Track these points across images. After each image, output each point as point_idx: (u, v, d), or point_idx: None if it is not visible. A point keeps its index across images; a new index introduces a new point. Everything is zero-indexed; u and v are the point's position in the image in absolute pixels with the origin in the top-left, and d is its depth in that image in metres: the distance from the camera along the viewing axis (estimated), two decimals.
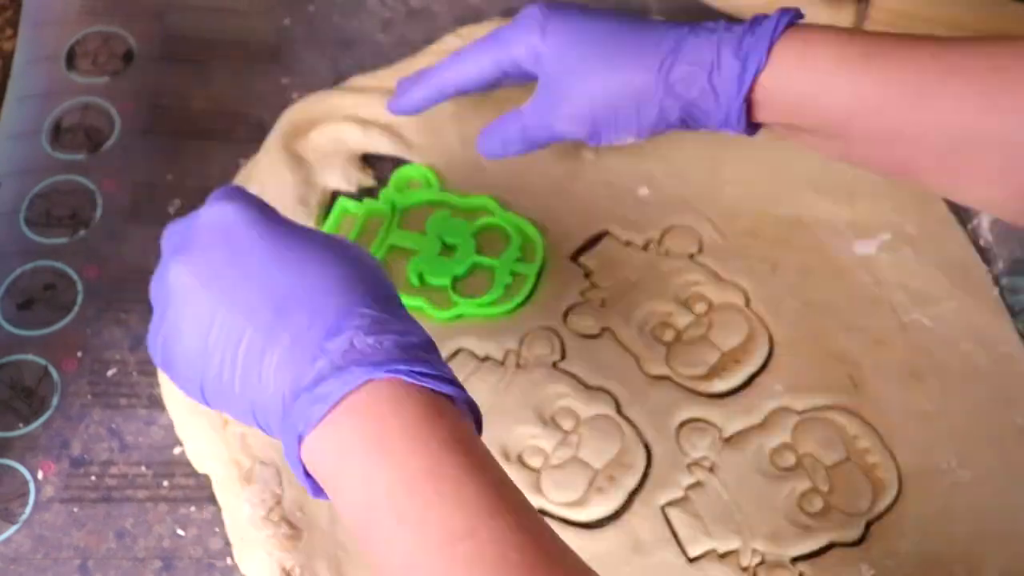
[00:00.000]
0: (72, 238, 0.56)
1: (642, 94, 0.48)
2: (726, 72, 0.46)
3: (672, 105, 0.47)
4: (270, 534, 0.47)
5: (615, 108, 0.48)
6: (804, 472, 0.49)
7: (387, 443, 0.36)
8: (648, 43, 0.48)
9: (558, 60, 0.49)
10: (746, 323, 0.53)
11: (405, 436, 0.36)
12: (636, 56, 0.48)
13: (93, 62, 0.61)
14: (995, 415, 0.51)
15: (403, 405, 0.36)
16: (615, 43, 0.48)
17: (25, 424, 0.51)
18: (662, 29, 0.48)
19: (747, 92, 0.46)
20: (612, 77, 0.48)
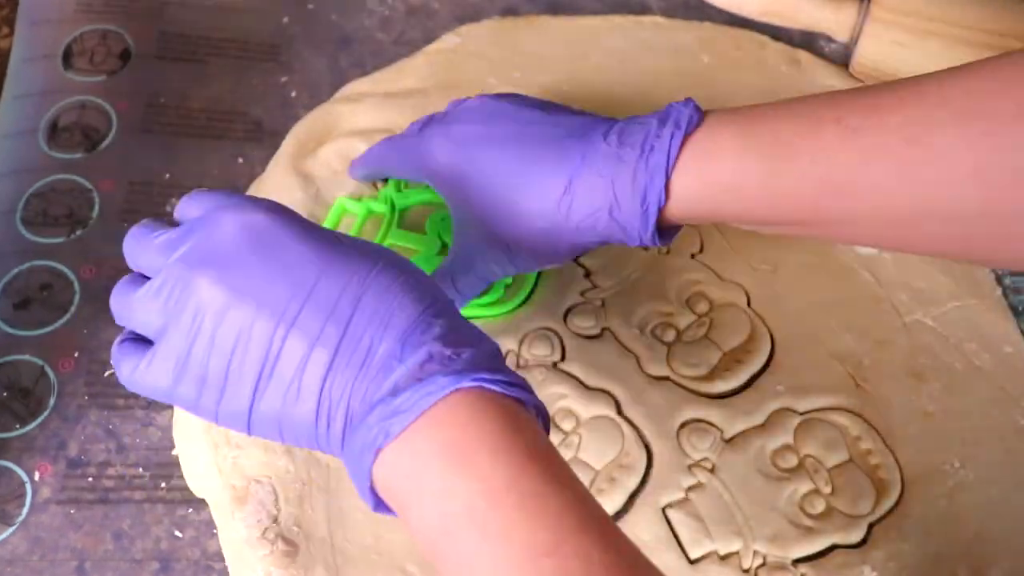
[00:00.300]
0: (69, 238, 0.55)
1: (551, 236, 0.46)
2: (626, 209, 0.44)
3: (583, 244, 0.46)
4: (267, 553, 0.46)
5: (527, 246, 0.47)
6: (806, 473, 0.49)
7: (468, 455, 0.34)
8: (546, 184, 0.45)
9: (460, 191, 0.47)
10: (747, 323, 0.53)
11: (486, 448, 0.34)
12: (536, 203, 0.45)
13: (90, 61, 0.61)
14: (998, 415, 0.51)
15: (484, 416, 0.35)
16: (513, 188, 0.46)
17: (22, 425, 0.51)
18: (557, 164, 0.45)
19: (654, 226, 0.44)
20: (518, 223, 0.46)
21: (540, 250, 0.47)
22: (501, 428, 0.35)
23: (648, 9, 0.65)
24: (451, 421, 0.35)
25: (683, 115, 0.44)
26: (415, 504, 0.35)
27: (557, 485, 0.34)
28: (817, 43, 0.63)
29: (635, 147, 0.44)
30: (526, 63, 0.61)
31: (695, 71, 0.61)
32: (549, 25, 0.63)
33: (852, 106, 0.41)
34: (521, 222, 0.46)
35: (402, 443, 0.35)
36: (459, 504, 0.34)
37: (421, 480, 0.35)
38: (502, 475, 0.34)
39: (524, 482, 0.34)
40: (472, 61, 0.61)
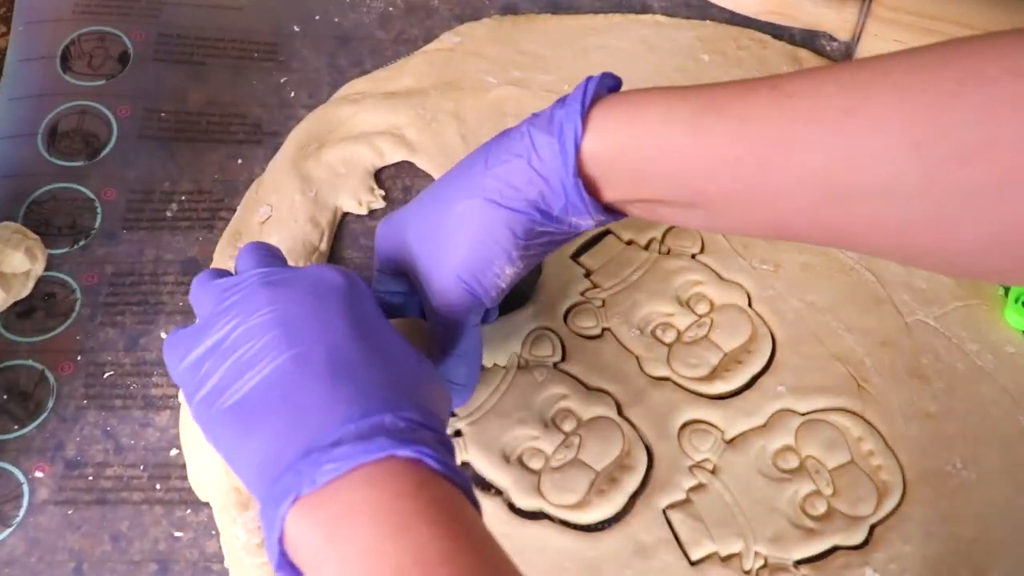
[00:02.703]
0: (72, 248, 0.55)
1: (484, 222, 0.43)
2: (545, 153, 0.42)
3: (516, 215, 0.43)
4: (265, 560, 0.46)
5: (470, 254, 0.44)
6: (807, 474, 0.49)
7: (405, 521, 0.33)
8: (466, 172, 0.44)
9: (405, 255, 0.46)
10: (748, 323, 0.53)
11: (425, 517, 0.33)
12: (459, 192, 0.44)
13: (89, 64, 0.61)
14: (1001, 416, 0.51)
15: (424, 486, 0.34)
16: (439, 199, 0.45)
17: (20, 427, 0.51)
18: (477, 150, 0.45)
19: (575, 166, 0.41)
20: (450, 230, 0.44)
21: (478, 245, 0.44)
22: (440, 503, 0.34)
23: (649, 7, 0.64)
24: (389, 484, 0.34)
25: (594, 78, 0.42)
26: (335, 563, 0.34)
27: (494, 567, 0.33)
28: (818, 42, 0.63)
29: (550, 106, 0.43)
30: (526, 62, 0.61)
31: (696, 70, 0.61)
32: (549, 24, 0.63)
33: (790, 77, 0.39)
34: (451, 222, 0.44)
35: (330, 495, 0.34)
36: (388, 569, 0.32)
37: (348, 538, 0.33)
38: (439, 548, 0.33)
39: (461, 559, 0.33)
40: (472, 60, 0.61)
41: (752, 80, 0.40)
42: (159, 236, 0.56)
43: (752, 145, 0.38)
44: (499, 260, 0.44)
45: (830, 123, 0.37)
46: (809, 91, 0.37)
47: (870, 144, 0.36)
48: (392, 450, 0.35)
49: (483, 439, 0.50)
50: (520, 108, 0.59)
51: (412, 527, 0.33)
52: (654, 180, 0.41)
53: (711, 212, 0.42)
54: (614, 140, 0.41)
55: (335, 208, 0.57)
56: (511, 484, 0.49)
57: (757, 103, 0.38)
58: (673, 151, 0.40)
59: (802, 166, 0.37)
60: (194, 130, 0.59)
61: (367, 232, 0.57)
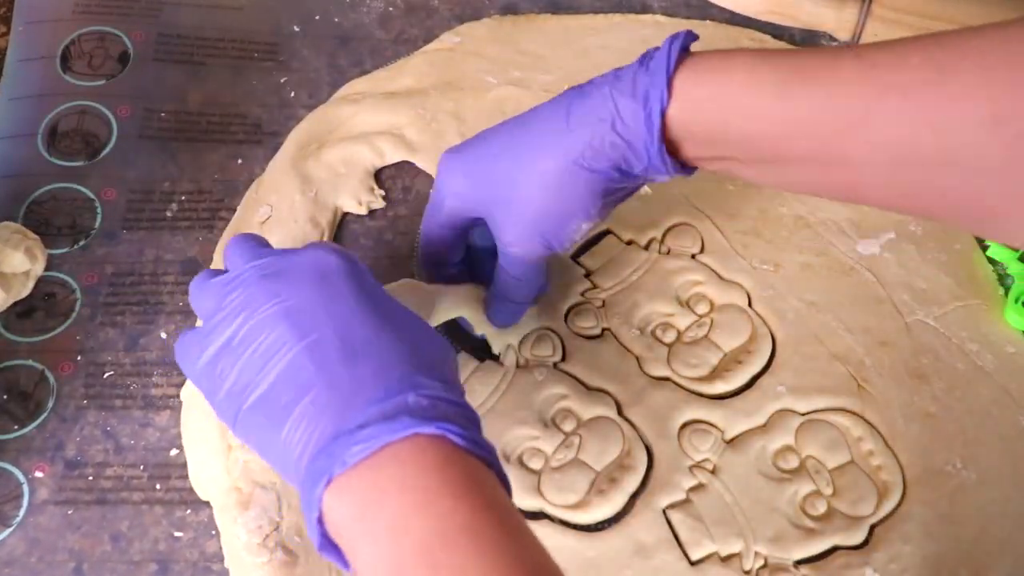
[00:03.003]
0: (72, 248, 0.55)
1: (564, 180, 0.44)
2: (630, 120, 0.43)
3: (596, 175, 0.44)
4: (266, 560, 0.46)
5: (550, 209, 0.45)
6: (807, 474, 0.49)
7: (429, 495, 0.34)
8: (545, 128, 0.45)
9: (481, 196, 0.47)
10: (748, 323, 0.53)
11: (448, 492, 0.34)
12: (539, 148, 0.44)
13: (88, 64, 0.61)
14: (1001, 416, 0.51)
15: (449, 461, 0.35)
16: (516, 147, 0.45)
17: (20, 427, 0.51)
18: (553, 105, 0.45)
19: (660, 131, 0.42)
20: (530, 183, 0.45)
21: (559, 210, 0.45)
22: (464, 477, 0.35)
23: (649, 8, 0.64)
24: (415, 461, 0.35)
25: (677, 38, 0.42)
26: (367, 539, 0.35)
27: (515, 538, 0.34)
28: (818, 42, 0.63)
29: (630, 66, 0.43)
30: (526, 62, 0.61)
31: None
32: (549, 24, 0.63)
33: (874, 47, 0.39)
34: (531, 177, 0.45)
35: (360, 475, 0.35)
36: (414, 542, 0.33)
37: (376, 514, 0.34)
38: (460, 519, 0.34)
39: (481, 529, 0.34)
40: (472, 60, 0.61)
41: (835, 48, 0.41)
42: (159, 236, 0.56)
43: (835, 112, 0.39)
44: (578, 217, 0.45)
45: (913, 94, 0.37)
46: (894, 62, 0.38)
47: (951, 116, 0.36)
48: (416, 428, 0.35)
49: None
50: (520, 108, 0.58)
51: (435, 501, 0.34)
52: (735, 142, 0.42)
53: (787, 171, 0.43)
54: (698, 105, 0.42)
55: (335, 208, 0.57)
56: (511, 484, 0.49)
57: (842, 71, 0.39)
58: (758, 116, 0.41)
59: (882, 134, 0.38)
60: (194, 130, 0.59)
61: (367, 232, 0.57)
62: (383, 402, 0.36)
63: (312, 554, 0.47)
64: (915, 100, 0.37)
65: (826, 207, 0.56)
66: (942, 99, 0.37)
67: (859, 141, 0.39)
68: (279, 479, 0.48)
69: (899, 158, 0.38)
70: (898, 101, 0.37)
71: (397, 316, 0.40)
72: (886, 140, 0.38)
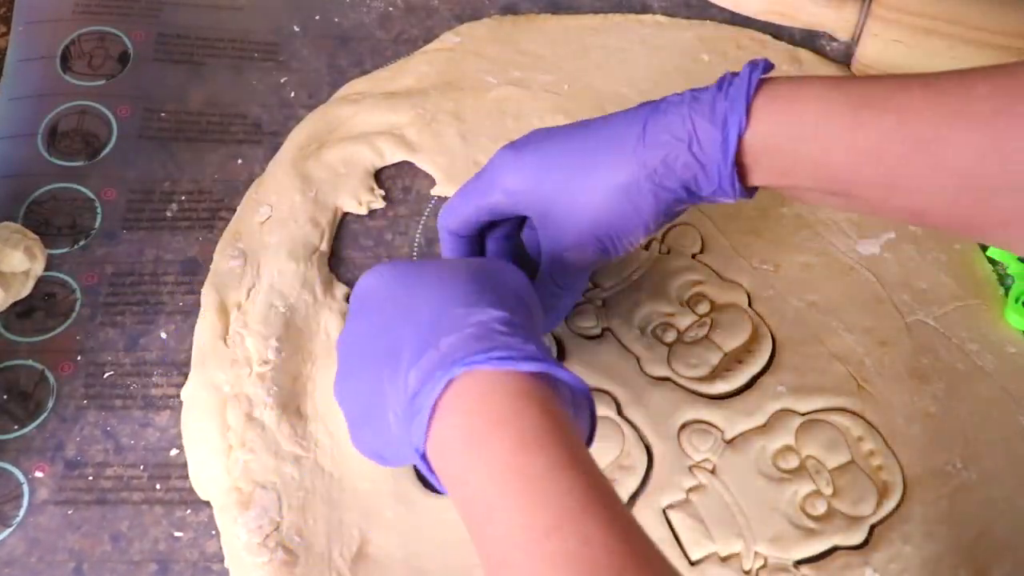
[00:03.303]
0: (72, 248, 0.55)
1: (632, 193, 0.45)
2: (706, 143, 0.43)
3: (665, 192, 0.45)
4: (266, 560, 0.46)
5: (613, 218, 0.46)
6: (807, 474, 0.49)
7: (476, 438, 0.36)
8: (617, 140, 0.45)
9: (541, 197, 0.46)
10: (748, 323, 0.52)
11: (492, 431, 0.35)
12: (610, 158, 0.45)
13: (88, 64, 0.61)
14: (1001, 416, 0.51)
15: (490, 398, 0.36)
16: (585, 156, 0.46)
17: (20, 427, 0.51)
18: (627, 118, 0.45)
19: (733, 159, 0.43)
20: (596, 192, 0.45)
21: (622, 220, 0.46)
22: (506, 409, 0.36)
23: (649, 8, 0.64)
24: (462, 406, 0.36)
25: (756, 67, 0.43)
26: (453, 494, 0.37)
27: (562, 467, 0.34)
28: (818, 42, 0.63)
29: (708, 89, 0.44)
30: (526, 62, 0.61)
31: (696, 70, 0.61)
32: (549, 24, 0.63)
33: (941, 76, 0.41)
34: (599, 185, 0.45)
35: (432, 439, 0.37)
36: (473, 488, 0.35)
37: (447, 466, 0.37)
38: (505, 459, 0.35)
39: (527, 464, 0.34)
40: (472, 60, 0.61)
41: (902, 76, 0.41)
42: (159, 236, 0.56)
43: (904, 140, 0.40)
44: (639, 230, 0.46)
45: (980, 122, 0.38)
46: (962, 90, 0.39)
47: (1017, 145, 0.38)
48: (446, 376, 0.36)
49: None
50: (520, 108, 0.59)
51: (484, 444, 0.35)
52: (804, 169, 0.43)
53: (853, 199, 0.44)
54: (772, 132, 0.43)
55: (335, 208, 0.57)
56: None
57: (912, 100, 0.40)
58: (830, 145, 0.42)
59: (949, 162, 0.39)
60: (194, 130, 0.59)
61: (367, 232, 0.57)
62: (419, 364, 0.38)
63: (312, 554, 0.47)
64: (983, 127, 0.38)
65: (826, 207, 0.56)
66: (1008, 128, 0.38)
67: (926, 167, 0.40)
68: (279, 479, 0.48)
69: (965, 184, 0.39)
70: (966, 128, 0.39)
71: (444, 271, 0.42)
72: (953, 167, 0.39)
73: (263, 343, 0.51)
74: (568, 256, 0.47)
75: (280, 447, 0.49)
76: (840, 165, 0.42)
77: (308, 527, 0.47)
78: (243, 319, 0.52)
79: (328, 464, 0.49)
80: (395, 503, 0.48)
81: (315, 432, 0.50)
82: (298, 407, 0.50)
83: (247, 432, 0.49)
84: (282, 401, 0.50)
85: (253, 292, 0.53)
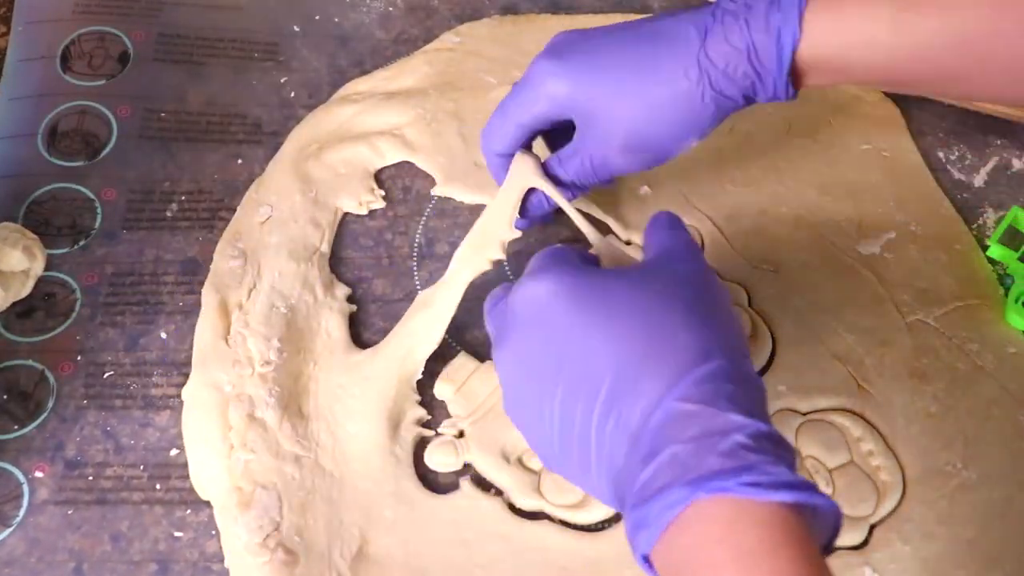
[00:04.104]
0: (73, 249, 0.55)
1: (690, 99, 0.45)
2: (763, 54, 0.44)
3: (725, 99, 0.46)
4: (266, 560, 0.46)
5: (672, 125, 0.46)
6: (807, 474, 0.49)
7: (719, 570, 0.32)
8: (674, 46, 0.45)
9: (590, 101, 0.46)
10: (748, 323, 0.52)
11: (737, 571, 0.31)
12: (669, 63, 0.45)
13: (88, 64, 0.61)
14: (1001, 416, 0.51)
15: (737, 528, 0.32)
16: (640, 59, 0.46)
17: (20, 427, 0.51)
18: (680, 25, 0.46)
19: (788, 69, 0.45)
20: (653, 96, 0.46)
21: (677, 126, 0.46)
22: (755, 546, 0.31)
23: (649, 8, 0.64)
24: (701, 533, 0.32)
25: None
26: None
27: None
28: None
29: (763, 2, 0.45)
30: (526, 62, 0.60)
31: None
32: (549, 23, 0.63)
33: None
34: (656, 90, 0.45)
35: (664, 546, 0.33)
36: None
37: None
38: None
39: None
40: (472, 60, 0.61)
41: None
42: (159, 236, 0.56)
43: (947, 37, 0.43)
44: (693, 134, 0.47)
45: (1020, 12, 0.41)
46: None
47: None
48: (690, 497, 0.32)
49: (484, 439, 0.50)
50: None
51: None
52: (855, 72, 0.45)
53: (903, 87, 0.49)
54: (823, 42, 0.44)
55: (335, 208, 0.57)
56: (511, 484, 0.49)
57: None
58: (877, 48, 0.44)
59: (996, 53, 0.42)
60: (194, 130, 0.59)
61: (367, 232, 0.57)
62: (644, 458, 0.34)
63: (312, 554, 0.47)
64: None
65: (826, 207, 0.56)
66: None
67: (974, 59, 0.43)
68: (280, 479, 0.48)
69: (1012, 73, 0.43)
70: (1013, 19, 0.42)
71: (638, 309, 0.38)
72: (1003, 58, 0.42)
73: (265, 344, 0.51)
74: (612, 160, 0.47)
75: (281, 447, 0.49)
76: (888, 64, 0.44)
77: (308, 527, 0.47)
78: (244, 319, 0.52)
79: (329, 464, 0.49)
80: (395, 503, 0.48)
81: (316, 432, 0.50)
82: (299, 407, 0.50)
83: (249, 432, 0.49)
84: (283, 401, 0.50)
85: (254, 292, 0.53)
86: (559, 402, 0.38)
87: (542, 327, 0.39)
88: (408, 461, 0.49)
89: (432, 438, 0.50)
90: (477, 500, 0.49)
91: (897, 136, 0.60)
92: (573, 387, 0.37)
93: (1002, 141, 0.60)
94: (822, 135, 0.59)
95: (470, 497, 0.49)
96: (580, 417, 0.37)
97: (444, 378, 0.51)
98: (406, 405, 0.50)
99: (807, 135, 0.59)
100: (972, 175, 0.59)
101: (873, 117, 0.60)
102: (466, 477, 0.49)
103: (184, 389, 0.51)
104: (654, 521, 0.33)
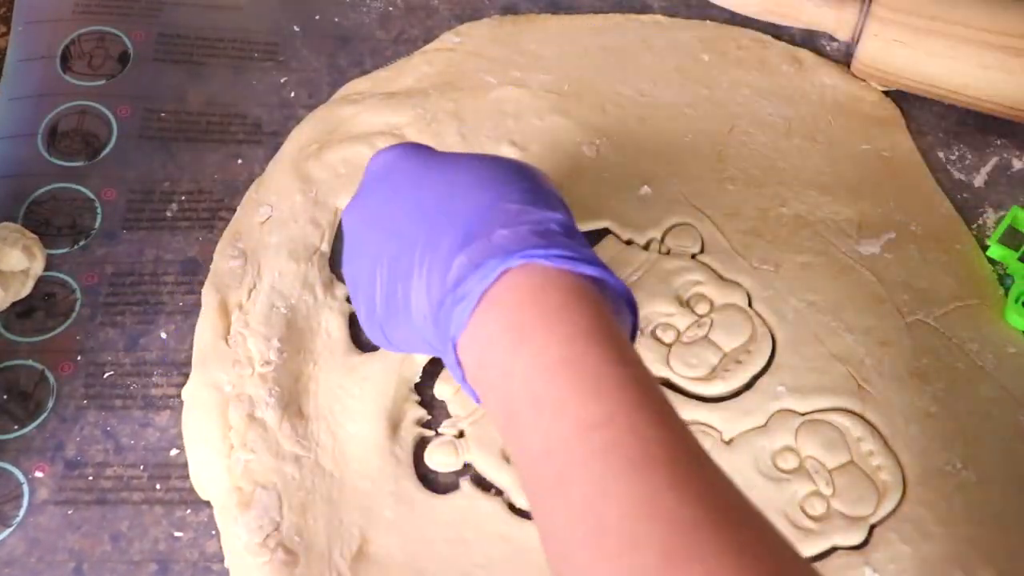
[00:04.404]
0: (73, 248, 0.55)
1: None
2: None
3: None
4: (266, 560, 0.46)
5: None
6: (807, 474, 0.49)
7: (526, 332, 0.35)
8: None
9: None
10: (748, 323, 0.52)
11: (543, 324, 0.35)
12: None
13: (88, 64, 0.61)
14: (1001, 416, 0.51)
15: (543, 292, 0.36)
16: None
17: (20, 427, 0.51)
18: None
19: None
20: None
21: None
22: (559, 304, 0.35)
23: (649, 8, 0.64)
24: (511, 299, 0.36)
25: None
26: (485, 386, 0.36)
27: (614, 363, 0.34)
28: (819, 42, 0.63)
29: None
30: (526, 62, 0.61)
31: (696, 70, 0.61)
32: (549, 24, 0.63)
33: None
34: None
35: (472, 329, 0.36)
36: (517, 381, 0.34)
37: (488, 360, 0.36)
38: (556, 351, 0.34)
39: (578, 358, 0.34)
40: (472, 60, 0.61)
41: None
42: (159, 236, 0.56)
43: None
44: None
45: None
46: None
47: None
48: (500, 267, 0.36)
49: (484, 439, 0.50)
50: (520, 108, 0.59)
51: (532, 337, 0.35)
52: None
53: None
54: None
55: (335, 208, 0.56)
56: (511, 484, 0.49)
57: None
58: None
59: None
60: (194, 130, 0.59)
61: None
62: (468, 250, 0.37)
63: (312, 554, 0.47)
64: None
65: (826, 207, 0.56)
66: None
67: None
68: (280, 479, 0.48)
69: None
70: None
71: (464, 163, 0.42)
72: None
73: (265, 344, 0.51)
74: None
75: (281, 447, 0.49)
76: None
77: (308, 527, 0.47)
78: (244, 319, 0.52)
79: (329, 464, 0.49)
80: (395, 503, 0.48)
81: (316, 432, 0.50)
82: (299, 407, 0.50)
83: (249, 432, 0.49)
84: (284, 401, 0.50)
85: (254, 293, 0.53)
86: (392, 249, 0.40)
87: (387, 182, 0.43)
88: (408, 461, 0.49)
89: (432, 438, 0.50)
90: (477, 500, 0.49)
91: (897, 136, 0.60)
92: (407, 234, 0.40)
93: (1002, 141, 0.60)
94: (822, 135, 0.59)
95: (470, 497, 0.49)
96: (406, 262, 0.40)
97: (444, 378, 0.51)
98: (406, 405, 0.51)
99: (807, 135, 0.59)
100: (972, 175, 0.59)
101: (873, 117, 0.60)
102: (466, 477, 0.49)
103: (184, 389, 0.51)
104: (467, 295, 0.36)
